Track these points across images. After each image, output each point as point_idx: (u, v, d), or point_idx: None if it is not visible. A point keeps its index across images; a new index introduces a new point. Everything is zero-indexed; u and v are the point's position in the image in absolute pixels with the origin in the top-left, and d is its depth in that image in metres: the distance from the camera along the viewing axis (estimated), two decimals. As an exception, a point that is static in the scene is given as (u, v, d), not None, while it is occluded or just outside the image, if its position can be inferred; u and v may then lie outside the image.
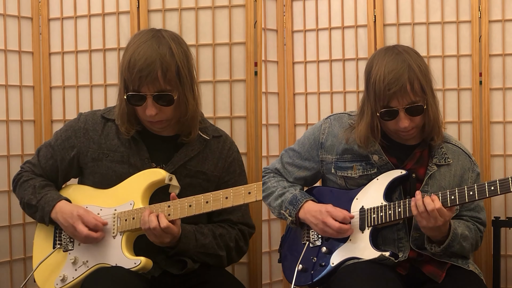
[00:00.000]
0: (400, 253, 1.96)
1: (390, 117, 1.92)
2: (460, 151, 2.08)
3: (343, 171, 2.07)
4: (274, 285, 2.77)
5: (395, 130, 1.97)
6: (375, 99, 1.90)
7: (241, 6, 2.57)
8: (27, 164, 2.13)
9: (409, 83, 1.86)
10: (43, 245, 2.06)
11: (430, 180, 2.00)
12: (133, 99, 1.91)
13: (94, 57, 2.68)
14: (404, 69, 1.87)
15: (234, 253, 2.07)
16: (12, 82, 2.66)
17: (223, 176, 2.08)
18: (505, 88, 2.60)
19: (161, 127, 1.99)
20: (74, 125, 2.08)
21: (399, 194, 2.00)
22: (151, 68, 1.85)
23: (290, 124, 2.84)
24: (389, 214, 1.93)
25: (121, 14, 2.64)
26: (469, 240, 1.98)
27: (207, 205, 1.84)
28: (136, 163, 1.99)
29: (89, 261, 1.95)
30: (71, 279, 1.95)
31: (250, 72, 2.56)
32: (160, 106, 1.90)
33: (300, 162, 2.18)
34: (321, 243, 2.05)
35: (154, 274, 1.93)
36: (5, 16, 2.63)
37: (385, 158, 2.00)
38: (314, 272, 2.02)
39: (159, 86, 1.88)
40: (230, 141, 2.16)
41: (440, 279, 1.95)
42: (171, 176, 1.93)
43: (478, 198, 1.83)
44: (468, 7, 2.62)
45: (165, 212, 1.85)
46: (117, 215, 1.94)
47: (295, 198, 2.08)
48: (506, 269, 2.59)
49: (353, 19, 2.75)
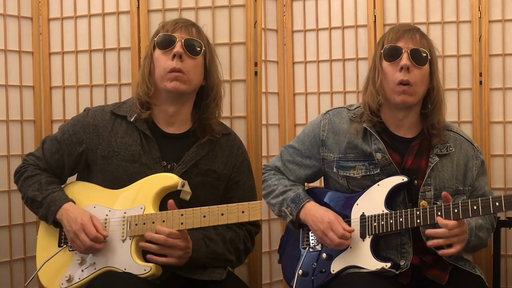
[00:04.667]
0: (403, 260, 1.93)
1: (393, 54, 1.94)
2: (462, 138, 2.06)
3: (345, 171, 2.05)
4: (274, 285, 2.77)
5: (393, 81, 1.94)
6: (383, 46, 1.97)
7: (241, 6, 2.57)
8: (31, 157, 2.07)
9: (419, 34, 1.98)
10: (48, 243, 2.02)
11: (432, 172, 1.97)
12: (163, 39, 1.96)
13: (94, 57, 2.68)
14: (418, 28, 2.02)
15: (242, 254, 2.07)
16: (12, 82, 2.66)
17: (234, 176, 2.08)
18: (505, 88, 2.60)
19: (177, 87, 1.94)
20: (82, 120, 2.03)
21: (402, 199, 1.97)
22: (187, 21, 2.03)
23: (290, 124, 2.84)
24: (391, 224, 1.90)
25: (121, 14, 2.64)
26: (484, 228, 1.96)
27: (222, 217, 1.83)
28: (147, 162, 1.96)
29: (96, 263, 1.90)
30: (77, 280, 1.91)
31: (250, 72, 2.56)
32: (187, 52, 1.95)
33: (300, 160, 2.16)
34: (321, 249, 2.03)
35: (162, 278, 1.90)
36: (5, 16, 2.63)
37: (388, 157, 1.98)
38: (314, 278, 2.00)
39: (192, 34, 1.99)
40: (239, 140, 2.16)
41: (444, 281, 1.93)
42: (184, 183, 1.89)
43: (482, 214, 1.77)
44: (468, 7, 2.62)
45: (178, 221, 1.84)
46: (127, 219, 1.90)
47: (298, 196, 2.06)
48: (506, 269, 2.59)
49: (353, 19, 2.75)
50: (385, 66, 1.96)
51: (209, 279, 1.96)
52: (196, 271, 1.95)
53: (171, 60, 1.94)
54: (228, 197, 2.05)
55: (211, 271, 1.98)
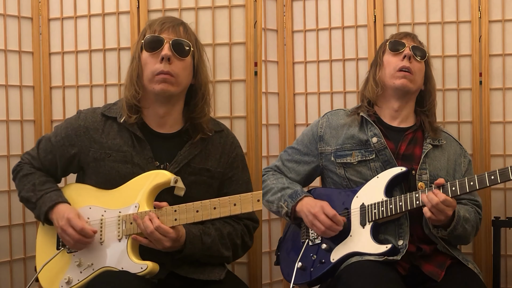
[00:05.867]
0: (401, 240, 1.98)
1: (397, 46, 2.16)
2: (451, 138, 2.22)
3: (342, 158, 2.13)
4: (274, 285, 2.77)
5: (394, 68, 2.12)
6: (386, 42, 2.20)
7: (241, 6, 2.57)
8: (26, 155, 2.10)
9: (418, 39, 2.24)
10: (47, 245, 2.03)
11: (427, 158, 2.08)
12: (151, 41, 1.94)
13: (94, 57, 2.68)
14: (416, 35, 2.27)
15: (240, 249, 2.07)
16: (12, 82, 2.66)
17: (227, 172, 2.08)
18: (505, 88, 2.60)
19: (166, 89, 1.94)
20: (73, 123, 2.05)
21: (400, 189, 2.04)
22: (174, 20, 2.01)
23: (290, 124, 2.84)
24: (390, 208, 1.97)
25: (121, 14, 2.64)
26: (470, 222, 2.03)
27: (214, 211, 1.83)
28: (140, 162, 1.96)
29: (94, 264, 1.91)
30: (76, 282, 1.92)
31: (250, 72, 2.56)
32: (175, 54, 1.93)
33: (299, 157, 2.24)
34: (321, 241, 2.06)
35: (160, 277, 1.91)
36: (5, 16, 2.63)
37: (383, 141, 2.08)
38: (313, 269, 2.02)
39: (180, 35, 1.97)
40: (232, 135, 2.16)
41: (439, 278, 1.96)
42: (177, 178, 1.90)
43: (479, 188, 1.87)
44: (468, 7, 2.62)
45: (171, 217, 1.84)
46: (122, 218, 1.91)
47: (296, 192, 2.13)
48: (506, 269, 2.59)
49: (353, 19, 2.75)
50: (388, 57, 2.16)
51: (207, 279, 1.96)
52: (194, 271, 1.95)
53: (159, 63, 1.93)
54: (223, 193, 2.05)
55: (210, 271, 1.98)
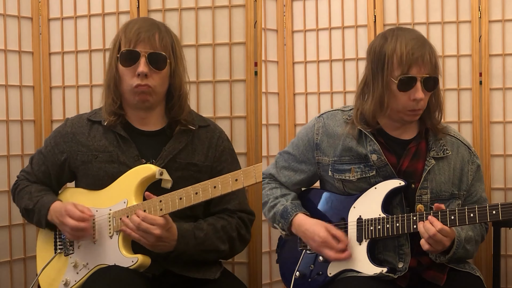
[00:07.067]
0: (401, 263, 1.92)
1: (408, 85, 1.87)
2: (459, 142, 2.04)
3: (340, 174, 2.01)
4: (274, 285, 2.77)
5: (404, 107, 1.91)
6: (392, 68, 1.89)
7: (241, 6, 2.57)
8: (22, 173, 2.15)
9: (429, 53, 1.89)
10: (46, 249, 2.08)
11: (428, 175, 1.95)
12: (127, 56, 1.93)
13: (94, 57, 2.68)
14: (425, 40, 1.92)
15: (237, 243, 2.05)
16: (12, 82, 2.66)
17: (215, 165, 2.07)
18: (505, 88, 2.60)
19: (145, 99, 1.96)
20: (61, 131, 2.09)
21: (399, 202, 1.95)
22: (149, 28, 1.95)
23: (290, 124, 2.84)
24: (387, 228, 1.89)
25: (121, 14, 2.64)
26: (473, 240, 1.95)
27: (196, 196, 1.81)
28: (126, 161, 1.98)
29: (89, 263, 1.95)
30: (73, 283, 1.96)
31: (250, 72, 2.56)
32: (152, 68, 1.93)
33: (296, 165, 2.13)
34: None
35: (155, 273, 1.92)
36: (5, 16, 2.63)
37: (383, 159, 1.95)
38: (311, 280, 1.99)
39: (155, 47, 1.94)
40: (219, 130, 2.14)
41: (441, 282, 1.92)
42: (162, 171, 1.90)
43: (479, 221, 1.78)
44: (468, 7, 2.62)
45: (157, 207, 1.85)
46: (112, 215, 1.93)
47: (286, 211, 2.03)
48: (506, 269, 2.59)
49: (353, 19, 2.75)
50: (397, 93, 1.90)
51: (202, 278, 1.96)
52: (190, 269, 1.95)
53: (136, 77, 1.93)
54: None
55: (205, 270, 1.98)
